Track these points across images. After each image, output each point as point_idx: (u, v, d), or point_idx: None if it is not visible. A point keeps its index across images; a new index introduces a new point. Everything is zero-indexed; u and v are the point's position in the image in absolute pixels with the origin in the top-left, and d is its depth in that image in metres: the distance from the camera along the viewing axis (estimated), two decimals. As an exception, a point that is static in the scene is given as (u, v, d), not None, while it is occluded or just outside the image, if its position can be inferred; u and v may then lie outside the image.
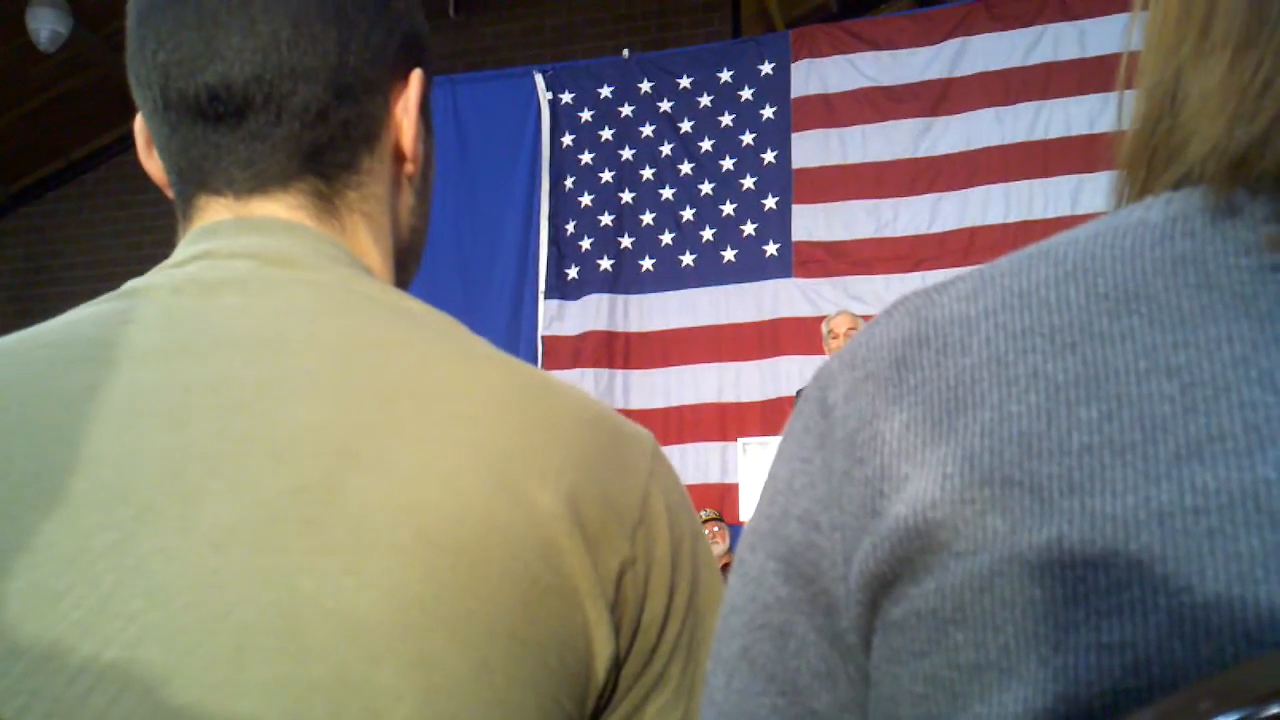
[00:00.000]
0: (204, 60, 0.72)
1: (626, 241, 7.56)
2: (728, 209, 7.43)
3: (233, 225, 0.74)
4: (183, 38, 0.73)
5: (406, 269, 0.85)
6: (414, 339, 0.70)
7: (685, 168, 7.52)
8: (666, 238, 7.51)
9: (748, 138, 7.45)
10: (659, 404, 7.28)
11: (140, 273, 0.76)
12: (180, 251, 0.75)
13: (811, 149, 7.32)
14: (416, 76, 0.81)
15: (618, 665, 0.68)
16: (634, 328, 7.46)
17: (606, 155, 7.65)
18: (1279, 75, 0.44)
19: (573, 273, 7.55)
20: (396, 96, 0.80)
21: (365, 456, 0.63)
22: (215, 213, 0.76)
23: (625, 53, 7.89)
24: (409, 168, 0.82)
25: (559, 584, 0.64)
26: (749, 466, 6.43)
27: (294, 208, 0.75)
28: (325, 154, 0.76)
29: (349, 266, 0.74)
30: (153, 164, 0.80)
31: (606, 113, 7.69)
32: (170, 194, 0.80)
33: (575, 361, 7.33)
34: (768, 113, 7.44)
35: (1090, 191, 6.54)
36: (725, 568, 4.74)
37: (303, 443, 0.63)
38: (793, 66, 7.42)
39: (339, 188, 0.77)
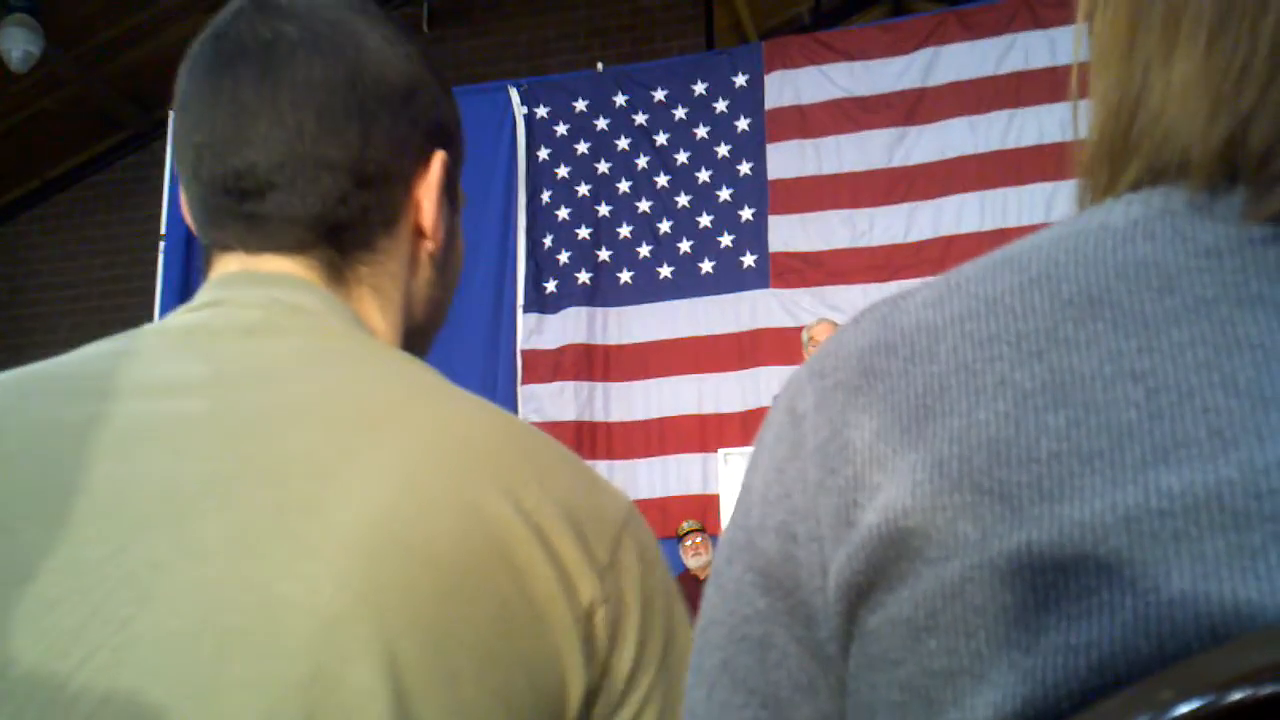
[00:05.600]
0: (234, 145, 0.77)
1: (604, 254, 7.56)
2: (705, 221, 7.43)
3: (246, 278, 0.78)
4: (216, 124, 0.78)
5: (422, 337, 0.89)
6: (403, 380, 0.74)
7: (661, 180, 7.53)
8: (644, 250, 7.51)
9: (723, 149, 7.47)
10: (639, 416, 7.26)
11: (116, 292, 0.78)
12: (197, 298, 0.79)
13: (787, 160, 7.34)
14: (439, 159, 0.84)
15: (589, 701, 0.69)
16: (613, 340, 7.45)
17: (582, 168, 7.65)
18: (1256, 57, 0.45)
19: (551, 286, 7.54)
20: (419, 179, 0.83)
21: (348, 477, 0.66)
22: (228, 265, 0.80)
23: (599, 66, 7.90)
24: (429, 245, 0.85)
25: (530, 607, 0.66)
26: (730, 477, 6.43)
27: (305, 268, 0.79)
28: (343, 233, 0.80)
29: (350, 324, 0.78)
30: (188, 216, 0.85)
31: (582, 126, 7.69)
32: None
33: (555, 375, 7.32)
34: (743, 124, 7.46)
35: (1064, 199, 6.57)
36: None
37: (291, 468, 0.66)
38: (766, 78, 7.44)
39: (352, 262, 0.80)
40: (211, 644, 0.60)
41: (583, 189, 7.63)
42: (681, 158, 7.52)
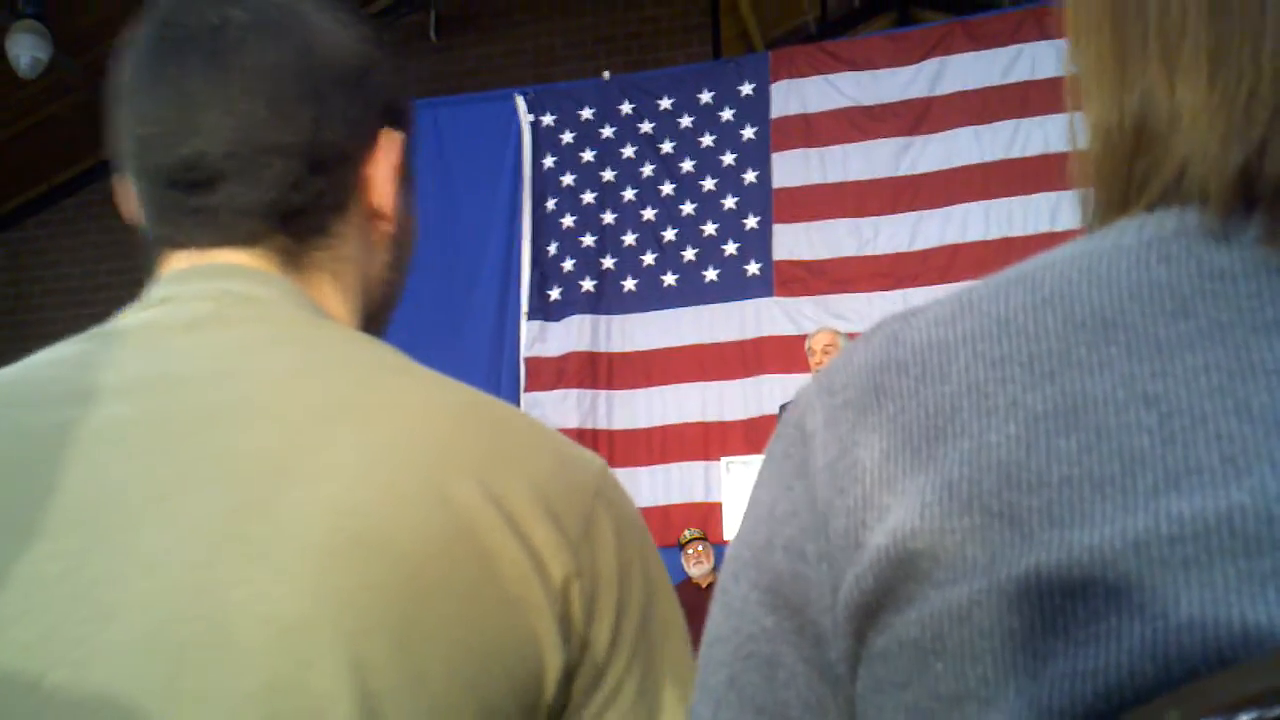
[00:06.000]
0: (182, 135, 0.75)
1: (608, 262, 7.56)
2: (709, 229, 7.44)
3: (196, 272, 0.76)
4: (163, 115, 0.75)
5: (377, 322, 0.87)
6: (361, 363, 0.72)
7: (666, 188, 7.54)
8: (648, 258, 7.51)
9: (728, 158, 7.47)
10: (642, 424, 7.26)
11: (122, 298, 0.77)
12: (147, 296, 0.77)
13: (792, 168, 7.35)
14: (392, 139, 0.82)
15: (568, 678, 0.69)
16: (616, 348, 7.45)
17: (588, 177, 7.66)
18: (1261, 82, 0.44)
19: (555, 294, 7.55)
20: (372, 160, 0.81)
21: (304, 473, 0.65)
22: (179, 261, 0.78)
23: (606, 74, 7.91)
24: (385, 226, 0.83)
25: (501, 593, 0.65)
26: (733, 485, 6.42)
27: (258, 258, 0.77)
28: (297, 219, 0.78)
29: (308, 310, 0.76)
30: (130, 209, 0.82)
31: (587, 134, 7.70)
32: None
33: (558, 382, 7.32)
34: (748, 133, 7.47)
35: (1070, 208, 6.54)
36: (711, 587, 4.72)
37: (245, 466, 0.65)
38: (772, 87, 7.45)
39: (307, 248, 0.79)
40: (165, 659, 0.60)
41: (588, 197, 7.63)
42: (687, 166, 7.53)
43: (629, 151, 7.63)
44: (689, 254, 7.44)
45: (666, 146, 7.58)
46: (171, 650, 0.60)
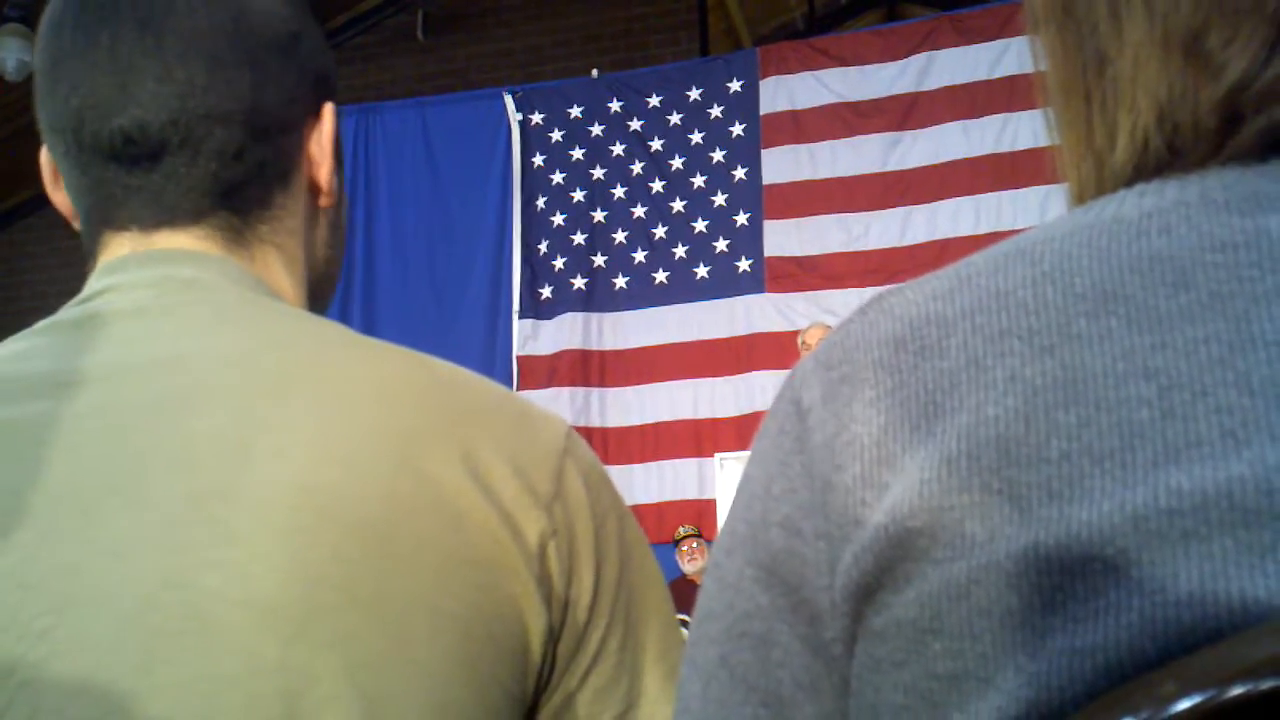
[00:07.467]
0: (119, 105, 0.72)
1: (599, 260, 7.56)
2: (699, 226, 7.44)
3: (137, 259, 0.74)
4: (97, 83, 0.73)
5: (321, 297, 0.86)
6: (310, 337, 0.71)
7: (656, 186, 7.54)
8: (639, 256, 7.51)
9: (718, 155, 7.47)
10: (635, 421, 7.27)
11: None
12: (87, 288, 0.75)
13: (781, 165, 7.35)
14: (329, 111, 0.81)
15: (553, 640, 0.68)
16: (608, 346, 7.45)
17: (578, 175, 7.66)
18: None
19: (546, 292, 7.54)
20: (310, 132, 0.80)
21: (264, 452, 0.64)
22: (120, 247, 0.76)
23: (594, 73, 7.91)
24: (324, 200, 0.82)
25: (476, 556, 0.65)
26: (726, 482, 6.42)
27: (202, 239, 0.75)
28: (240, 192, 0.76)
29: (252, 289, 0.75)
30: (60, 196, 0.80)
31: (577, 133, 7.70)
32: (77, 226, 0.80)
33: (550, 381, 7.32)
34: (737, 130, 7.46)
35: (1058, 201, 6.54)
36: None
37: (201, 451, 0.64)
38: (761, 83, 7.45)
39: (252, 222, 0.77)
40: (138, 650, 0.59)
41: (578, 195, 7.63)
42: (677, 163, 7.53)
43: (618, 149, 7.63)
44: (680, 251, 7.45)
45: (656, 144, 7.58)
46: (143, 641, 0.59)
